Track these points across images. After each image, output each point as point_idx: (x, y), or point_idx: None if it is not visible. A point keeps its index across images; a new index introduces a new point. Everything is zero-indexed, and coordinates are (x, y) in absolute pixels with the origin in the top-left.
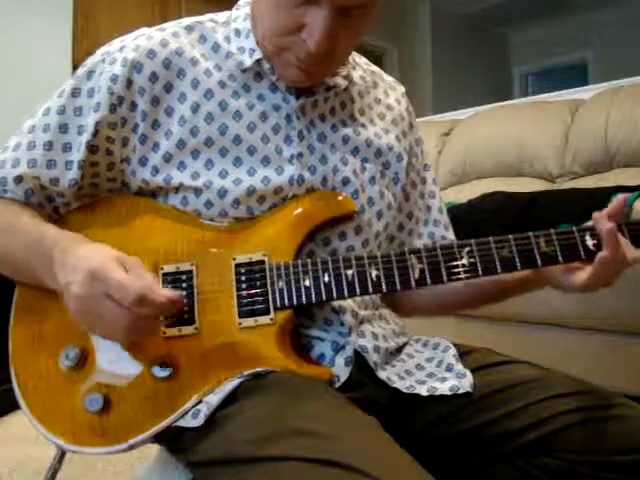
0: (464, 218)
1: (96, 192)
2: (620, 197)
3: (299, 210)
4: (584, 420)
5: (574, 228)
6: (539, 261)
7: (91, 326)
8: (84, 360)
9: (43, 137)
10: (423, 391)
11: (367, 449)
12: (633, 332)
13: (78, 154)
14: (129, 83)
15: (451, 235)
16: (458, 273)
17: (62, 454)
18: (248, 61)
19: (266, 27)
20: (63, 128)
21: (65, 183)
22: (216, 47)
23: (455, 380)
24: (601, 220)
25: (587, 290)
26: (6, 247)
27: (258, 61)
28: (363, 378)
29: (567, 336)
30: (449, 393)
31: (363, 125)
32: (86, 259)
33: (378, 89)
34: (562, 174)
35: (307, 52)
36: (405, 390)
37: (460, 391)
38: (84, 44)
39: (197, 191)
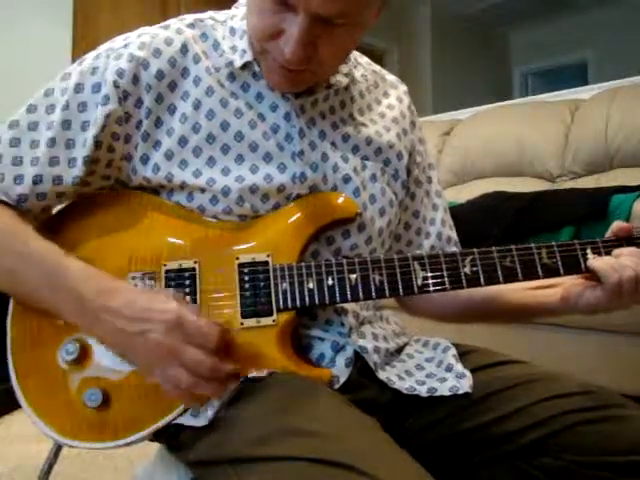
0: (464, 218)
1: (86, 191)
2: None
3: (303, 212)
4: (584, 420)
5: (576, 241)
6: (540, 272)
7: (165, 371)
8: (83, 355)
9: (47, 134)
10: (423, 392)
11: (367, 449)
12: (633, 332)
13: (84, 149)
14: (136, 79)
15: (455, 236)
16: (460, 281)
17: (58, 448)
18: (238, 62)
19: (250, 29)
20: (66, 124)
21: (69, 181)
22: (216, 45)
23: (455, 380)
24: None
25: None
26: (7, 268)
27: (246, 64)
28: (363, 379)
29: (567, 336)
30: (448, 394)
31: (363, 124)
32: (152, 308)
33: (379, 89)
34: (562, 174)
35: (284, 58)
36: (405, 391)
37: (460, 392)
38: (84, 47)
39: (201, 190)
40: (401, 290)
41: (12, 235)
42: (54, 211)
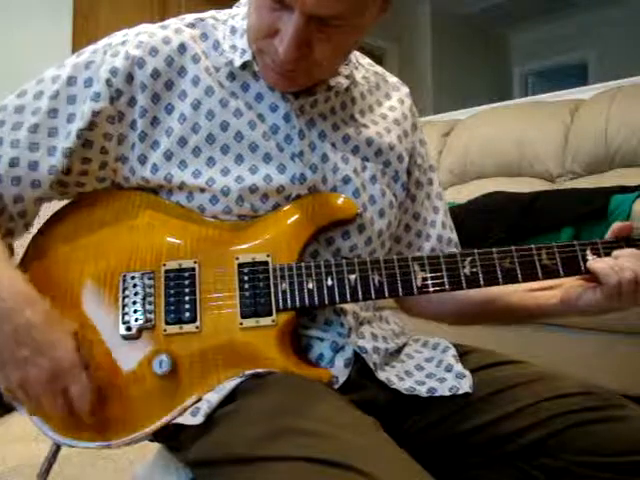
0: (464, 218)
1: (81, 192)
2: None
3: (302, 213)
4: (584, 421)
5: (575, 242)
6: (540, 273)
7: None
8: None
9: (30, 119)
10: (423, 392)
11: (367, 449)
12: (633, 332)
13: (66, 141)
14: (130, 78)
15: (455, 238)
16: (460, 282)
17: (58, 448)
18: (238, 61)
19: (249, 28)
20: (53, 113)
21: (44, 169)
22: (216, 45)
23: (454, 381)
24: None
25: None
26: None
27: (246, 63)
28: (362, 379)
29: (567, 336)
30: (448, 394)
31: (364, 125)
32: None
33: (380, 91)
34: (562, 174)
35: (278, 58)
36: (405, 391)
37: (459, 392)
38: (84, 44)
39: (201, 190)
40: (400, 291)
41: None
42: (53, 212)
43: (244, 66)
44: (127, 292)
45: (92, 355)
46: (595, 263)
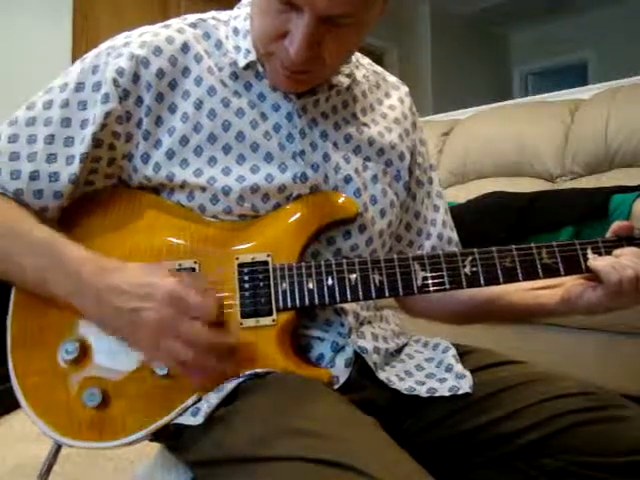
0: (464, 218)
1: (89, 190)
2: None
3: (303, 212)
4: (584, 421)
5: (576, 241)
6: (540, 272)
7: (160, 345)
8: (83, 354)
9: (44, 131)
10: (423, 392)
11: (367, 449)
12: (633, 332)
13: (81, 147)
14: (136, 77)
15: (456, 237)
16: (460, 281)
17: (58, 448)
18: (242, 62)
19: (255, 31)
20: (66, 122)
21: (65, 178)
22: (219, 44)
23: (454, 381)
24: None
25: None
26: (6, 254)
27: (250, 63)
28: (363, 379)
29: (567, 336)
30: (448, 394)
31: (365, 124)
32: (151, 285)
33: (380, 90)
34: (562, 174)
35: (289, 59)
36: (405, 391)
37: (459, 392)
38: (84, 44)
39: (202, 188)
40: (401, 290)
41: (13, 219)
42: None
43: (247, 66)
44: None
45: (92, 354)
46: (596, 261)
